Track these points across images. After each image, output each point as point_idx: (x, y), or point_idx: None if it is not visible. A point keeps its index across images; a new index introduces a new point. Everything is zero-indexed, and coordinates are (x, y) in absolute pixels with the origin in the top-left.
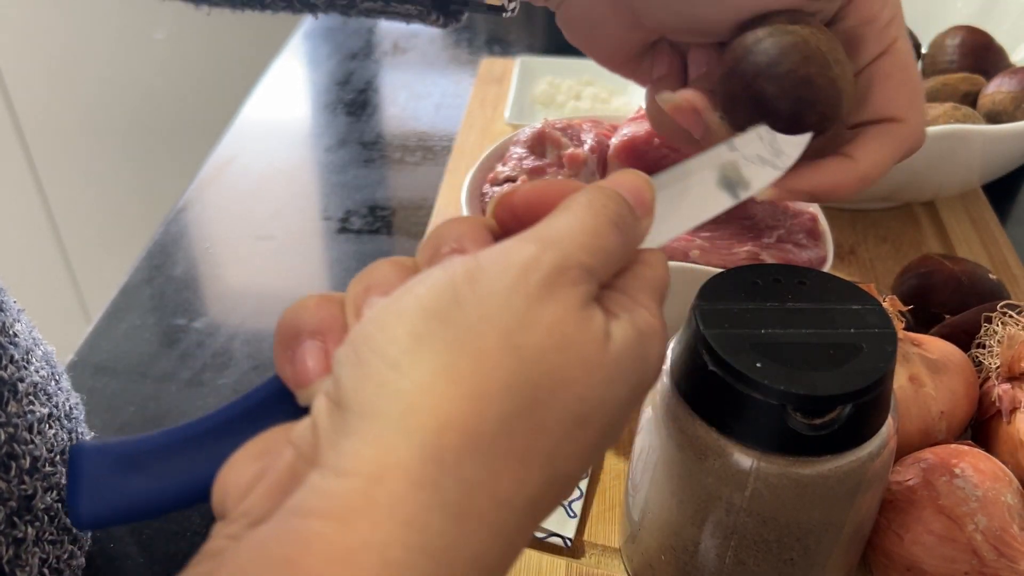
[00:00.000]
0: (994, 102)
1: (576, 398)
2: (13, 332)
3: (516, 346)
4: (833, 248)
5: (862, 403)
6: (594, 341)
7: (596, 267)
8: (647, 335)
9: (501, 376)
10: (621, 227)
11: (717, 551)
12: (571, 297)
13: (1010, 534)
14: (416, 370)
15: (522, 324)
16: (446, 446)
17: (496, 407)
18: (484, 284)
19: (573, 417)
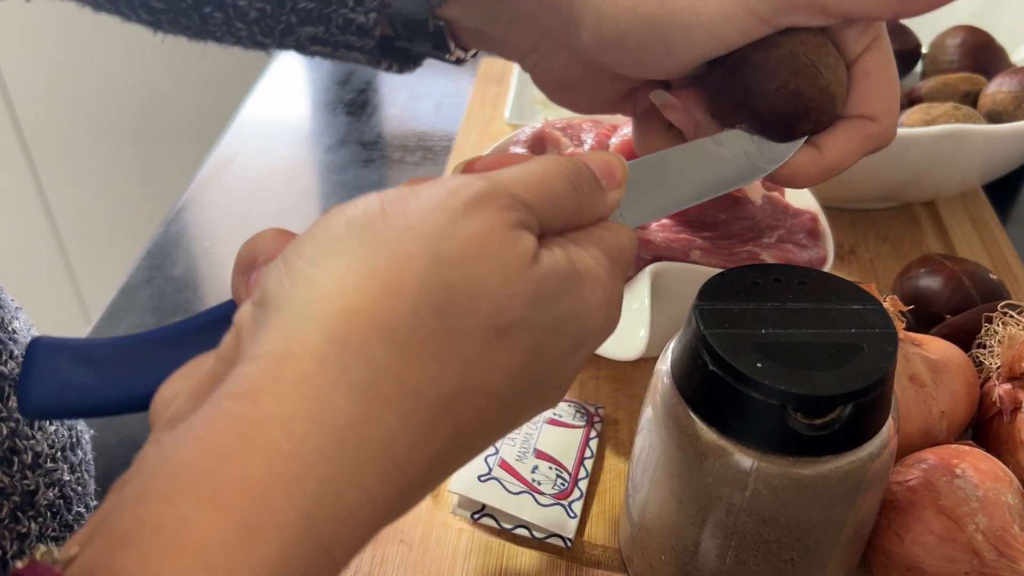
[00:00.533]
0: (995, 102)
1: (494, 307)
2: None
3: (434, 251)
4: (833, 248)
5: (862, 403)
6: (517, 259)
7: (533, 204)
8: (585, 277)
9: (416, 274)
10: (575, 184)
11: (717, 551)
12: (497, 217)
13: (1011, 534)
14: (332, 265)
15: (443, 233)
16: (353, 330)
17: (408, 301)
18: (411, 201)
19: (492, 325)
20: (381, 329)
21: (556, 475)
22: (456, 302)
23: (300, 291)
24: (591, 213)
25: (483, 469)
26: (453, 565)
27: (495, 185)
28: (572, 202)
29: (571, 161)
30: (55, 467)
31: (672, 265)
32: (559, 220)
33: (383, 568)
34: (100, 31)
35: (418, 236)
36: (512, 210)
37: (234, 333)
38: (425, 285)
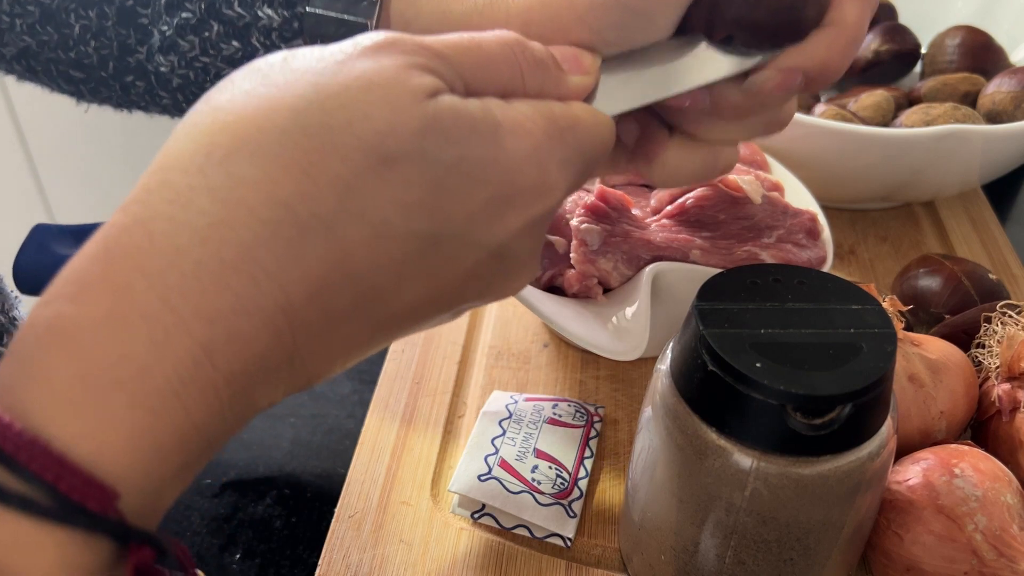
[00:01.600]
0: (994, 102)
1: (375, 133)
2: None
3: (317, 83)
4: (833, 248)
5: (862, 403)
6: (407, 91)
7: (450, 56)
8: (505, 125)
9: (292, 101)
10: (515, 51)
11: (717, 551)
12: (394, 59)
13: (1010, 534)
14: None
15: (330, 70)
16: (217, 143)
17: (278, 120)
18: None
19: (375, 153)
20: (246, 143)
21: (556, 475)
22: (331, 124)
23: (186, 118)
24: (539, 87)
25: (483, 469)
26: (453, 565)
27: (404, 36)
28: (508, 67)
29: (519, 36)
30: None
31: (672, 265)
32: (492, 83)
33: (383, 568)
34: None
35: (305, 72)
36: (414, 55)
37: None
38: (298, 109)
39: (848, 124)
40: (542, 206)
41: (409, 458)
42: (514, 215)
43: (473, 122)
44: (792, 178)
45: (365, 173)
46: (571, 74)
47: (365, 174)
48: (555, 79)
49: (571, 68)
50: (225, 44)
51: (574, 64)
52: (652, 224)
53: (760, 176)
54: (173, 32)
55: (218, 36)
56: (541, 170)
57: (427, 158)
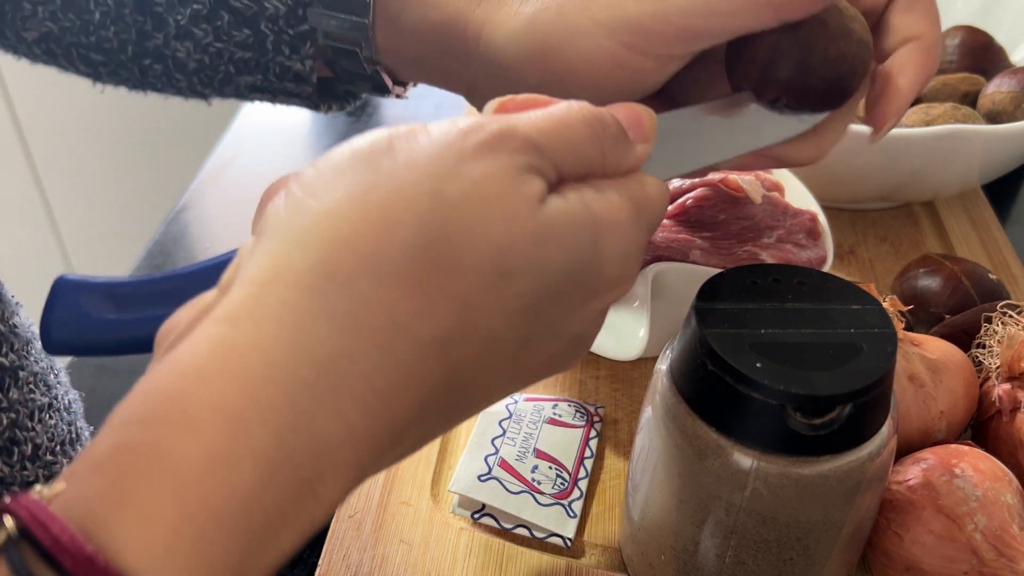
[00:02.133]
0: (994, 102)
1: (495, 247)
2: (12, 323)
3: (435, 190)
4: (833, 248)
5: (862, 403)
6: (523, 200)
7: (548, 147)
8: (602, 221)
9: (412, 211)
10: (597, 129)
11: (717, 551)
12: (506, 160)
13: (1010, 534)
14: (329, 195)
15: (448, 173)
16: (340, 261)
17: (401, 236)
18: (421, 138)
19: (493, 267)
20: (370, 262)
21: (556, 475)
22: (453, 240)
23: (293, 219)
24: (616, 164)
25: (483, 469)
26: (453, 565)
27: (507, 128)
28: (593, 148)
29: (595, 108)
30: (54, 460)
31: (672, 265)
32: (579, 166)
33: (383, 568)
34: None
35: (421, 174)
36: (522, 153)
37: (235, 262)
38: (421, 222)
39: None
40: (620, 294)
41: (409, 458)
42: (597, 305)
43: (579, 226)
44: (792, 178)
45: (483, 290)
46: (636, 143)
47: (482, 290)
48: (626, 152)
49: (636, 136)
50: (236, 31)
51: (638, 131)
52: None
53: (760, 176)
54: (187, 21)
55: (229, 24)
56: (627, 263)
57: (539, 269)
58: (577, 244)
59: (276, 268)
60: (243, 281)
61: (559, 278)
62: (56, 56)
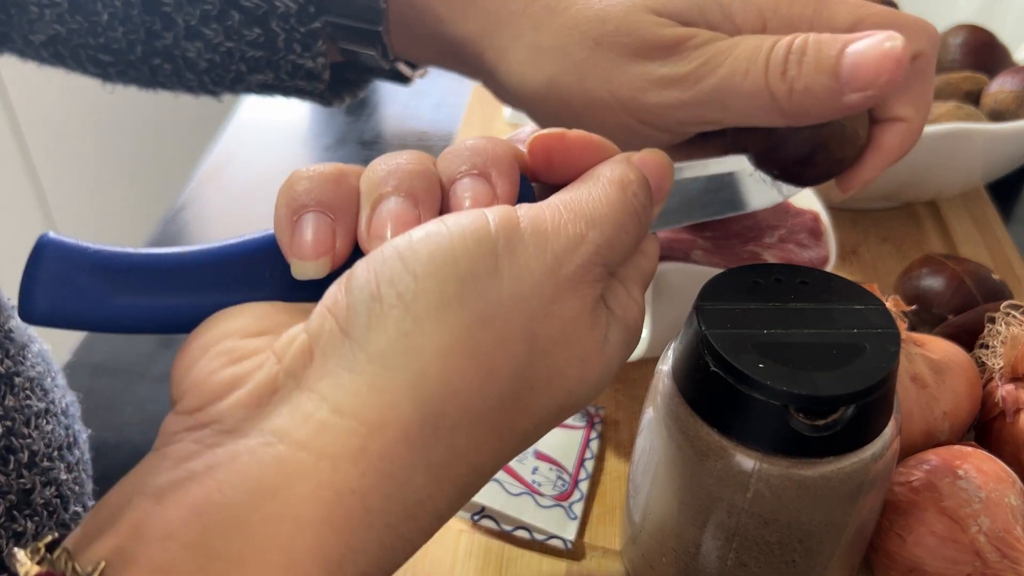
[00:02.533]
0: (997, 101)
1: (566, 392)
2: (8, 328)
3: (533, 333)
4: (836, 248)
5: (865, 404)
6: (595, 343)
7: (613, 261)
8: (632, 331)
9: (512, 360)
10: (641, 218)
11: (718, 553)
12: (589, 295)
13: (1013, 535)
14: (439, 334)
15: (545, 314)
16: (446, 414)
17: (498, 387)
18: (522, 260)
19: (559, 407)
20: (468, 412)
21: (556, 476)
22: (536, 388)
23: (402, 357)
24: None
25: None
26: (452, 567)
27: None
28: (636, 241)
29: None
30: (52, 466)
31: (673, 265)
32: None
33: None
34: None
35: (522, 314)
36: (599, 281)
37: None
38: (517, 371)
39: None
40: None
41: None
42: None
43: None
44: None
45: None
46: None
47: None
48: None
49: (657, 197)
50: (247, 31)
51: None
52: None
53: None
54: (197, 21)
55: (239, 24)
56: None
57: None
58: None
59: (385, 412)
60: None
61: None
62: (64, 58)
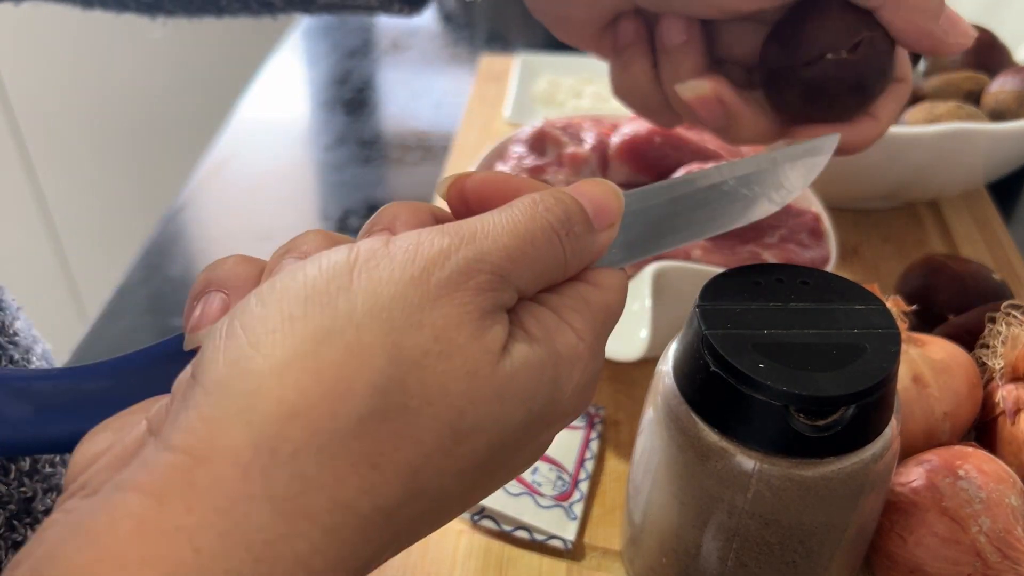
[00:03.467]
0: (998, 101)
1: (454, 411)
2: (13, 331)
3: (395, 344)
4: (836, 248)
5: (865, 404)
6: (485, 353)
7: (515, 275)
8: (564, 359)
9: (368, 375)
10: (562, 236)
11: (719, 553)
12: (471, 303)
13: (1014, 536)
14: (276, 352)
15: (409, 323)
16: (285, 437)
17: (354, 406)
18: (383, 273)
19: (450, 431)
20: (317, 438)
21: (556, 476)
22: (410, 407)
23: (234, 377)
24: (578, 264)
25: None
26: (452, 567)
27: (474, 261)
28: (558, 260)
29: (560, 203)
30: (53, 471)
31: (674, 265)
32: (540, 283)
33: (382, 571)
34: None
35: (381, 324)
36: (488, 290)
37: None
38: (378, 388)
39: None
40: (573, 419)
41: None
42: (550, 433)
43: (540, 370)
44: None
45: (435, 454)
46: (599, 231)
47: (435, 455)
48: (589, 244)
49: (600, 224)
50: None
51: (603, 218)
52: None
53: None
54: None
55: None
56: (584, 394)
57: (498, 425)
58: (537, 391)
59: (212, 440)
60: (173, 446)
61: (516, 428)
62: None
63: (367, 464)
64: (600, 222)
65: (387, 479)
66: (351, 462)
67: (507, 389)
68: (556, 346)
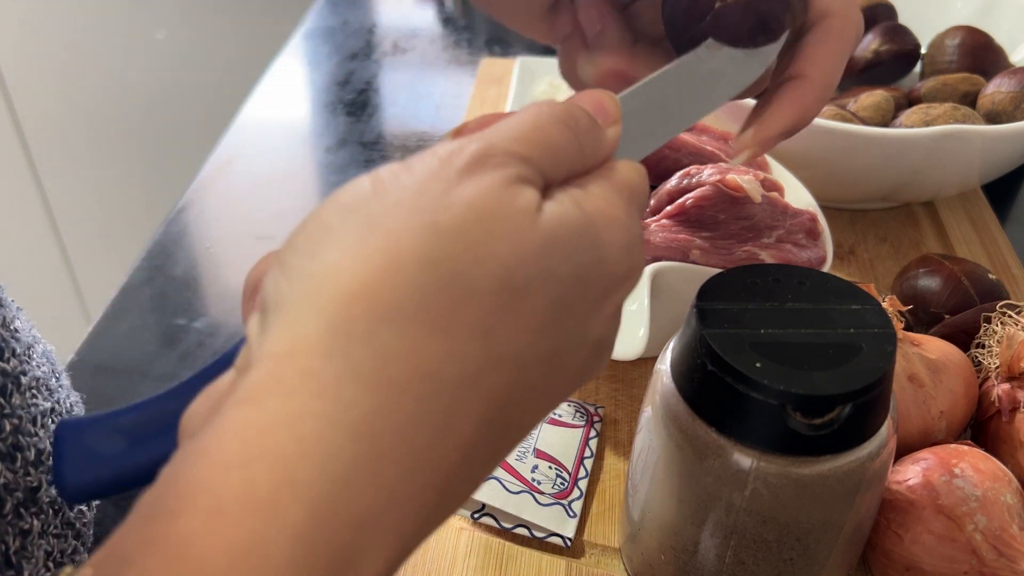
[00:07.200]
0: (994, 102)
1: (503, 267)
2: (14, 328)
3: (432, 223)
4: (832, 248)
5: (862, 403)
6: (520, 213)
7: (531, 156)
8: (598, 218)
9: (415, 250)
10: (571, 125)
11: (717, 551)
12: (494, 177)
13: (1009, 534)
14: (327, 254)
15: (439, 205)
16: (355, 317)
17: (410, 278)
18: (404, 177)
19: (505, 287)
20: (385, 311)
21: (556, 474)
22: (462, 271)
23: (296, 287)
24: (594, 156)
25: None
26: (453, 564)
27: (488, 145)
28: (572, 147)
29: (562, 104)
30: None
31: (671, 265)
32: (562, 168)
33: None
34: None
35: (413, 211)
36: (508, 167)
37: (246, 345)
38: (427, 259)
39: (848, 124)
40: (631, 287)
41: None
42: (611, 304)
43: (580, 229)
44: (792, 178)
45: (500, 312)
46: (606, 127)
47: (501, 314)
48: (600, 140)
49: (604, 121)
50: None
51: (605, 116)
52: (651, 224)
53: (760, 176)
54: None
55: None
56: (632, 255)
57: (551, 279)
58: (581, 247)
59: (292, 338)
60: (260, 358)
61: (571, 284)
62: None
63: (440, 330)
64: (604, 119)
65: (462, 342)
66: (423, 331)
67: (550, 244)
68: (588, 211)
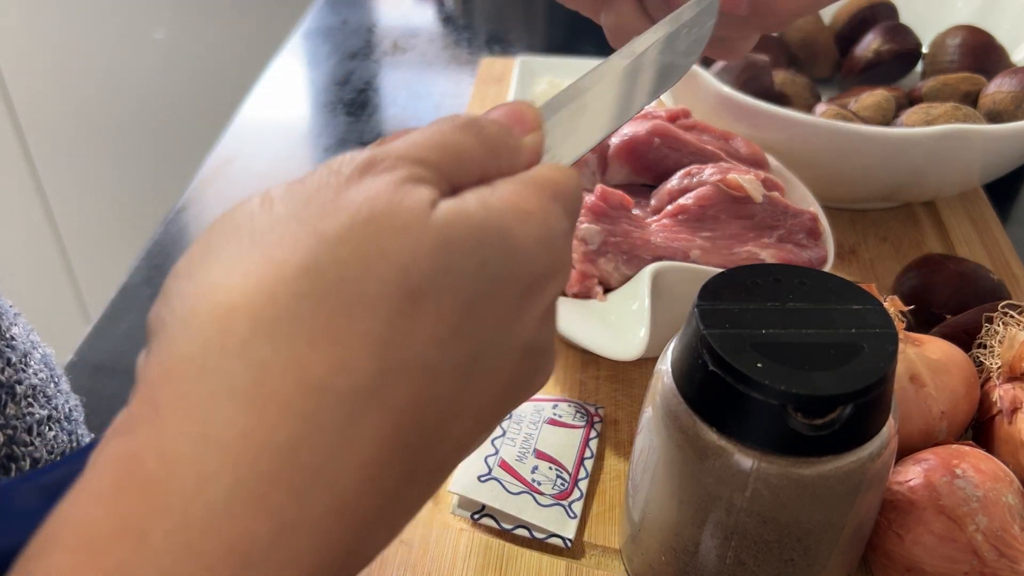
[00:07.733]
0: (995, 102)
1: (396, 269)
2: (10, 336)
3: (317, 231)
4: (834, 248)
5: (863, 403)
6: (409, 210)
7: (427, 157)
8: (505, 212)
9: (297, 259)
10: (474, 131)
11: (717, 551)
12: (383, 179)
13: (1011, 534)
14: (205, 273)
15: (324, 212)
16: (231, 331)
17: (292, 287)
18: (294, 189)
19: (401, 291)
20: (264, 324)
21: (556, 475)
22: (350, 276)
23: (175, 308)
24: (510, 161)
25: (483, 469)
26: (453, 565)
27: (379, 151)
28: (479, 151)
29: (467, 115)
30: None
31: (672, 265)
32: (471, 172)
33: (383, 568)
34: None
35: (297, 220)
36: (398, 169)
37: None
38: (310, 267)
39: (849, 124)
40: (558, 285)
41: None
42: (537, 304)
43: (480, 221)
44: (792, 178)
45: (398, 317)
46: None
47: (398, 319)
48: (515, 148)
49: (520, 130)
50: None
51: (521, 125)
52: (652, 224)
53: (760, 176)
54: None
55: None
56: (553, 250)
57: (453, 277)
58: (484, 241)
59: (167, 360)
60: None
61: (478, 282)
62: None
63: (327, 340)
64: (520, 129)
65: (354, 352)
66: (307, 341)
67: (447, 239)
68: (492, 203)
